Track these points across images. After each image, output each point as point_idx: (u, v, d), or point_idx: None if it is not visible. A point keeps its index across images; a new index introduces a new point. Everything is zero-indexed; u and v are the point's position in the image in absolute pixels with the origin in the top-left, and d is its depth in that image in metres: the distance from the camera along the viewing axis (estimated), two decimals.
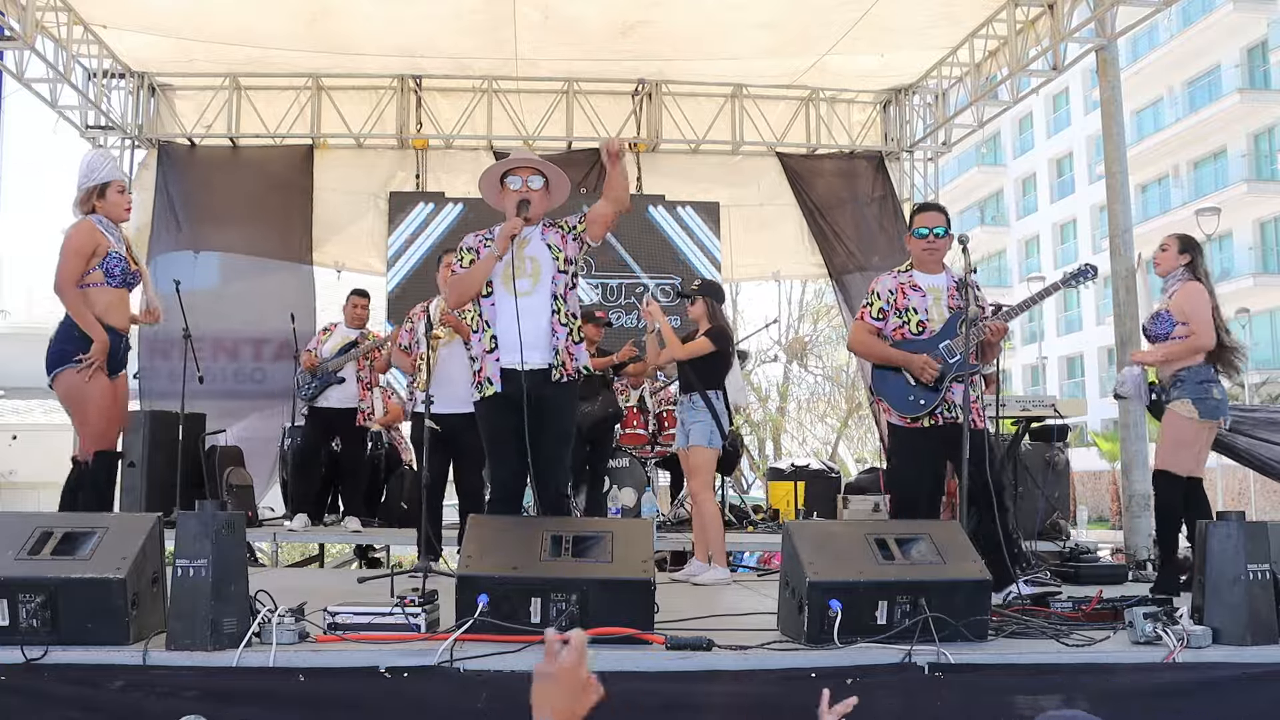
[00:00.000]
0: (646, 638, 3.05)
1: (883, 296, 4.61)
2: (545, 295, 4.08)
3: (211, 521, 2.90)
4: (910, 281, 4.58)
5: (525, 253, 4.09)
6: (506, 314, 4.01)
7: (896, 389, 4.51)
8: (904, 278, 4.62)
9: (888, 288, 4.62)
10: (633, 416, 7.73)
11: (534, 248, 4.12)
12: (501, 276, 4.06)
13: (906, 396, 4.47)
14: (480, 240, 4.21)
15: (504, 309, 4.04)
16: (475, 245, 4.20)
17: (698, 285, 5.79)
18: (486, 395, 4.09)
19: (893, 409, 4.54)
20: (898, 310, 4.56)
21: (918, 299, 4.53)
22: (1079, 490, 17.60)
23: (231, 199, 9.78)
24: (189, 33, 8.80)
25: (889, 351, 4.54)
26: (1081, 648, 3.13)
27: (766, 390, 24.33)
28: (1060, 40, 8.27)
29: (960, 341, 4.39)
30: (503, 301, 4.06)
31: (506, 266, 4.02)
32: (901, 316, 4.55)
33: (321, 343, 7.39)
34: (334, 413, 7.21)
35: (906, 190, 10.58)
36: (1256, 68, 27.77)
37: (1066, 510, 7.32)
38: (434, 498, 5.66)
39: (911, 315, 4.53)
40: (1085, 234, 32.84)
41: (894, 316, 4.56)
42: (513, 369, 4.02)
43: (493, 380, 4.07)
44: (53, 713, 2.76)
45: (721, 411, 5.42)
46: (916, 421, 4.46)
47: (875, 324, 4.60)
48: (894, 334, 4.56)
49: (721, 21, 8.59)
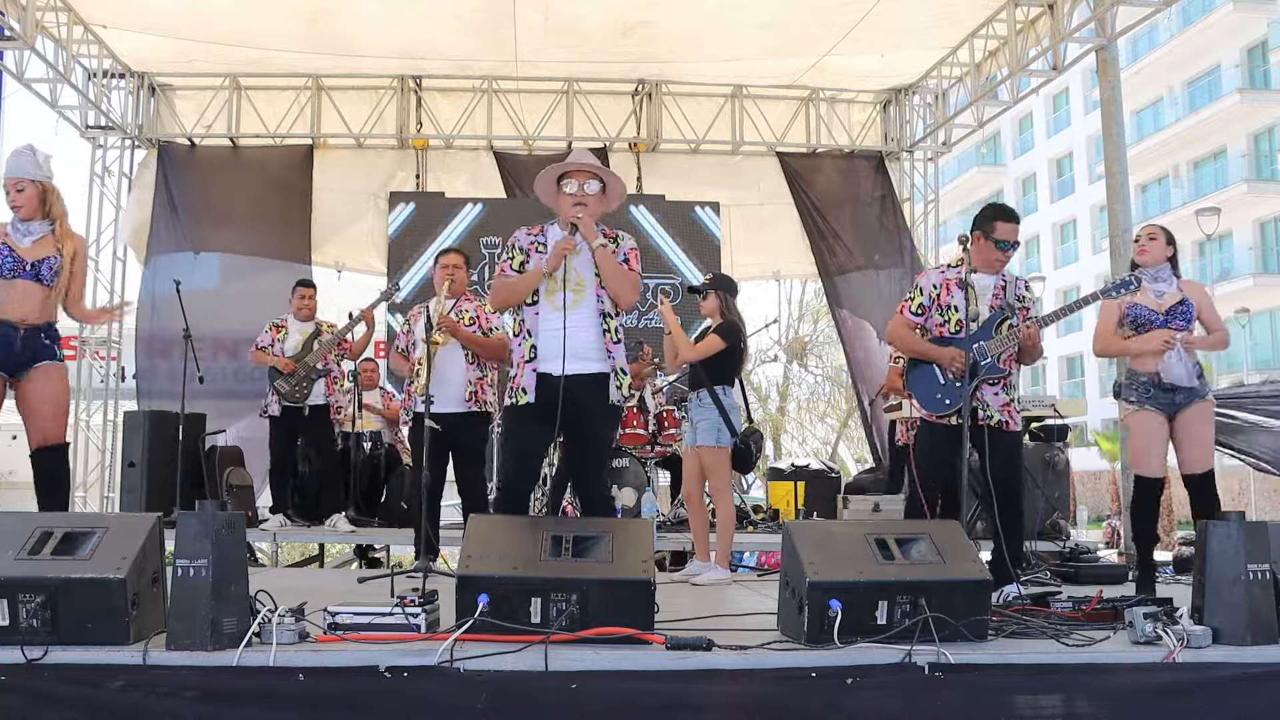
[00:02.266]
0: (646, 638, 3.05)
1: (925, 291, 4.62)
2: (590, 310, 3.96)
3: (211, 521, 2.90)
4: (958, 278, 4.51)
5: (573, 264, 3.95)
6: (549, 324, 3.93)
7: (925, 385, 4.56)
8: (951, 274, 4.59)
9: (932, 283, 4.63)
10: (633, 416, 7.72)
11: (582, 261, 3.98)
12: (545, 287, 3.97)
13: (935, 394, 4.52)
14: (532, 241, 4.07)
15: (546, 319, 3.96)
16: (527, 246, 4.06)
17: (709, 280, 5.71)
18: (519, 404, 3.97)
19: (920, 405, 4.59)
20: (940, 307, 4.58)
21: (960, 297, 4.49)
22: (1079, 490, 17.64)
23: (231, 199, 9.79)
24: (189, 33, 8.81)
25: (922, 345, 4.59)
26: (1081, 648, 3.12)
27: (766, 390, 24.32)
28: (1060, 40, 8.28)
29: (995, 344, 4.43)
30: (545, 312, 3.97)
31: (551, 278, 3.94)
32: (943, 314, 4.57)
33: (278, 340, 7.12)
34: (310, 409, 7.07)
35: (906, 190, 10.59)
36: (1256, 68, 27.77)
37: (1066, 510, 7.32)
38: (433, 498, 5.66)
39: (952, 314, 4.54)
40: (1085, 234, 32.84)
41: (935, 313, 4.59)
42: (548, 374, 3.91)
43: (527, 390, 3.94)
44: (53, 713, 2.76)
45: (731, 408, 5.36)
46: (942, 419, 4.49)
47: (914, 319, 4.63)
48: (935, 330, 4.59)
49: (721, 22, 8.59)
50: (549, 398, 3.89)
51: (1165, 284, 4.83)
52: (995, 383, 4.47)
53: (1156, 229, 4.97)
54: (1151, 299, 4.79)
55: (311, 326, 7.18)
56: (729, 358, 5.44)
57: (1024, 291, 4.62)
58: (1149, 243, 4.87)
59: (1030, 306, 4.62)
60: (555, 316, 3.91)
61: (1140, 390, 4.77)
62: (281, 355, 7.05)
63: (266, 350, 7.10)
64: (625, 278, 3.98)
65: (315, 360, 7.05)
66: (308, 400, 7.06)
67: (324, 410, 7.17)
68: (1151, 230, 4.95)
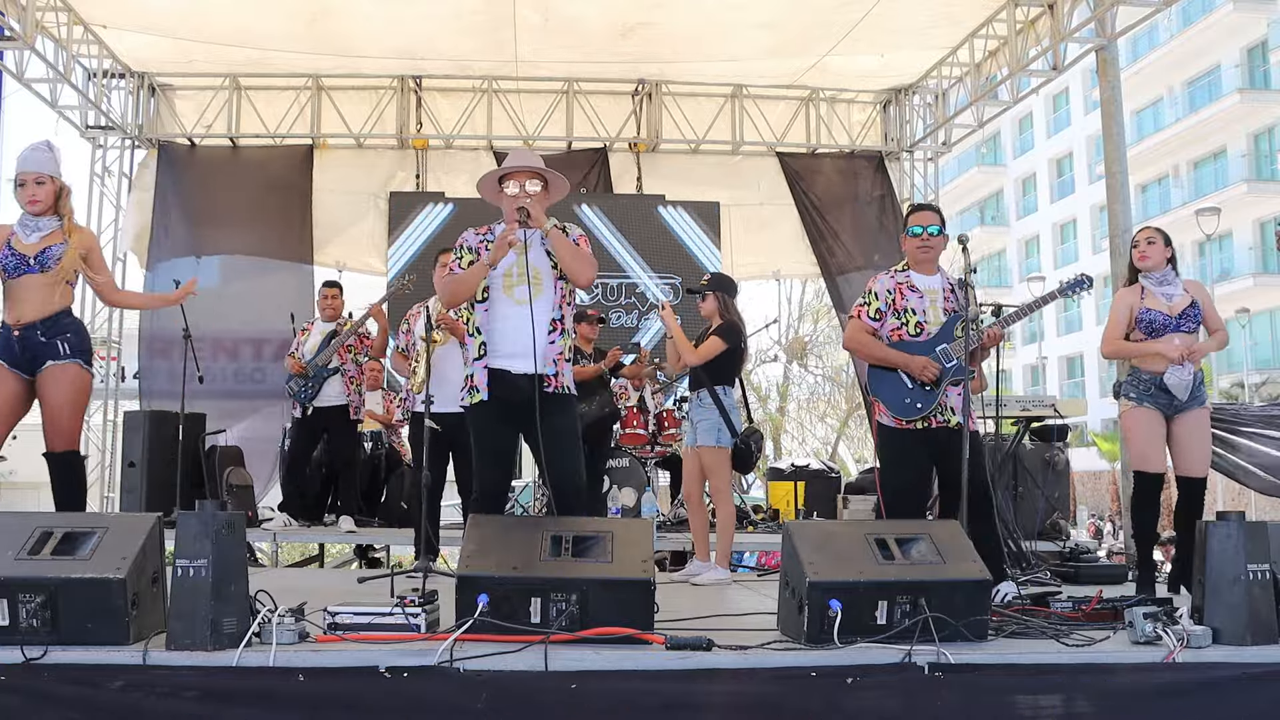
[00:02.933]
0: (646, 638, 3.05)
1: (880, 296, 4.56)
2: (546, 305, 3.97)
3: (211, 521, 2.90)
4: (908, 282, 4.54)
5: (527, 258, 3.97)
6: (500, 320, 3.96)
7: (893, 390, 4.46)
8: (901, 278, 4.57)
9: (885, 287, 4.57)
10: (632, 416, 7.73)
11: (535, 254, 4.00)
12: (501, 283, 3.98)
13: (903, 399, 4.43)
14: (481, 240, 4.10)
15: (498, 315, 3.98)
16: (476, 245, 4.09)
17: (707, 280, 5.71)
18: (474, 403, 3.99)
19: (887, 410, 4.49)
20: (896, 311, 4.51)
21: (915, 300, 4.50)
22: (1079, 490, 17.63)
23: (232, 199, 9.78)
24: (189, 33, 8.80)
25: (888, 353, 4.48)
26: (1081, 648, 3.12)
27: (766, 390, 24.32)
28: (1060, 40, 8.27)
29: (957, 345, 4.37)
30: (498, 307, 3.99)
31: (505, 273, 3.96)
32: (900, 318, 4.50)
33: (301, 343, 7.28)
34: (321, 410, 7.15)
35: (906, 190, 10.58)
36: (1256, 68, 27.77)
37: (1066, 510, 7.32)
38: (433, 498, 5.66)
39: (910, 317, 4.49)
40: (1085, 234, 32.84)
41: (892, 317, 4.52)
42: (502, 370, 3.94)
43: (479, 388, 3.97)
44: (53, 713, 2.76)
45: (730, 408, 5.37)
46: (910, 423, 4.43)
47: (872, 324, 4.55)
48: (891, 335, 4.52)
49: (721, 22, 8.59)
50: (504, 394, 3.91)
51: (1173, 286, 4.81)
52: (957, 383, 4.39)
53: (1154, 231, 4.94)
54: (1163, 303, 4.78)
55: (333, 327, 7.27)
56: (729, 358, 5.44)
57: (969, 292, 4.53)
58: (1148, 247, 4.85)
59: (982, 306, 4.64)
60: (514, 312, 3.92)
61: (1141, 388, 4.77)
62: (300, 357, 7.18)
63: (294, 355, 7.27)
64: (581, 255, 3.99)
65: (323, 360, 7.11)
66: (314, 401, 7.13)
67: (343, 411, 7.19)
68: (1149, 234, 4.92)
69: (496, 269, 3.97)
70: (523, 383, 3.91)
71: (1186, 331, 4.77)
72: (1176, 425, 4.78)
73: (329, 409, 7.16)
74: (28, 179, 4.42)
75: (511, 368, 3.94)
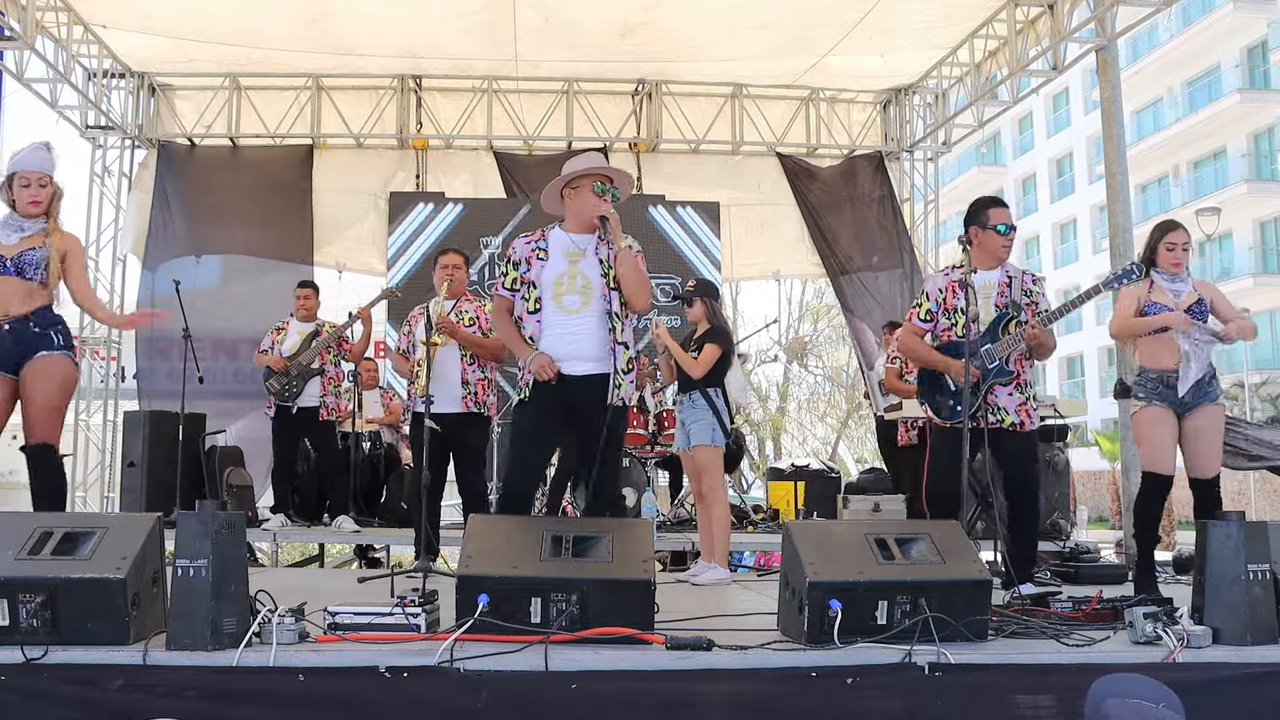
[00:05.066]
0: (646, 638, 3.05)
1: (932, 297, 4.61)
2: (597, 313, 3.90)
3: (211, 521, 2.90)
4: (961, 279, 4.48)
5: (578, 268, 3.91)
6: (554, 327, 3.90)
7: (936, 393, 4.57)
8: (956, 275, 4.54)
9: (938, 287, 4.61)
10: (633, 416, 7.73)
11: (586, 263, 3.94)
12: (552, 290, 3.92)
13: (948, 402, 4.51)
14: (533, 249, 3.98)
15: (553, 323, 3.92)
16: (526, 257, 3.97)
17: (693, 286, 5.79)
18: (522, 400, 3.95)
19: (934, 414, 4.59)
20: (946, 311, 4.56)
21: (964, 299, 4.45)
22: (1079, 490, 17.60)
23: (232, 199, 9.79)
24: (189, 33, 8.81)
25: (932, 355, 4.57)
26: (1081, 648, 3.12)
27: (766, 390, 24.33)
28: (1060, 40, 8.28)
29: (1002, 345, 4.42)
30: (552, 317, 3.93)
31: (556, 283, 3.91)
32: (950, 318, 4.54)
33: (277, 341, 7.18)
34: (299, 412, 7.07)
35: (906, 190, 10.59)
36: (1256, 68, 27.77)
37: (1066, 510, 7.32)
38: (433, 498, 5.65)
39: (959, 317, 4.49)
40: (1085, 234, 32.84)
41: (943, 318, 4.57)
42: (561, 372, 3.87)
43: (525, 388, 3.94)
44: (53, 713, 2.76)
45: (723, 409, 5.42)
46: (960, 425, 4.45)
47: (923, 326, 4.62)
48: (944, 335, 4.57)
49: (721, 22, 8.60)
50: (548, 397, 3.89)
51: (1183, 284, 4.78)
52: (1007, 383, 4.44)
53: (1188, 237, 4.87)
54: (1170, 298, 4.74)
55: (311, 327, 7.22)
56: (721, 361, 5.52)
57: (1031, 285, 4.60)
58: (1183, 254, 4.78)
59: (1039, 300, 4.59)
60: (562, 320, 3.89)
61: (1149, 387, 4.74)
62: (279, 355, 7.09)
63: (266, 352, 7.18)
64: (644, 281, 3.95)
65: (308, 360, 7.07)
66: (297, 400, 7.07)
67: (316, 412, 7.12)
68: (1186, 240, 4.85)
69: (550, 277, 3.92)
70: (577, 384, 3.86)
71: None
72: (1188, 422, 4.70)
73: (305, 410, 7.08)
74: (32, 179, 4.37)
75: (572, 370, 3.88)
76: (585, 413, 3.87)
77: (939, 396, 4.58)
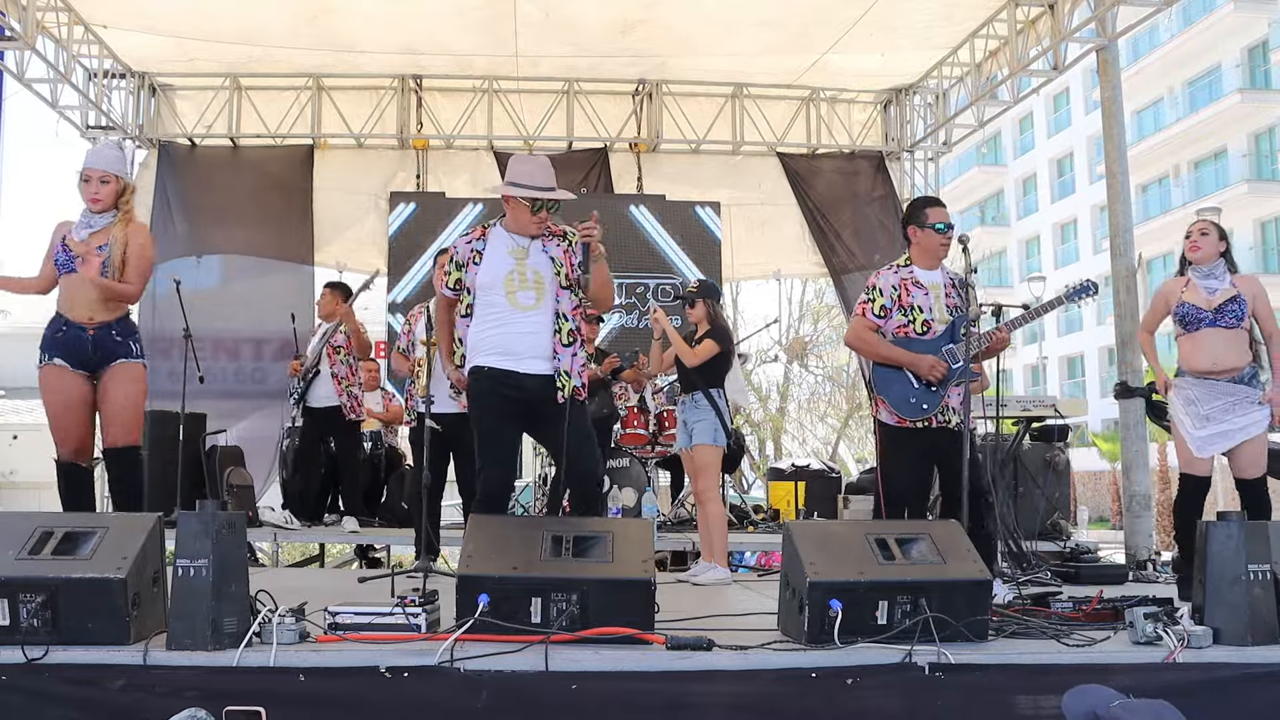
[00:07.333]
0: (646, 638, 3.05)
1: (885, 293, 4.47)
2: (551, 311, 3.93)
3: (212, 521, 2.90)
4: (912, 278, 4.47)
5: (527, 264, 3.94)
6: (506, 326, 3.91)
7: (898, 389, 4.41)
8: (905, 273, 4.50)
9: (890, 283, 4.48)
10: (633, 416, 7.73)
11: (535, 259, 3.97)
12: (504, 289, 3.92)
13: (908, 398, 4.38)
14: (471, 249, 4.00)
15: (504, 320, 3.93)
16: (466, 258, 4.00)
17: (695, 287, 5.80)
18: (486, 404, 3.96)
19: (892, 409, 4.43)
20: (902, 308, 4.44)
21: (921, 297, 4.43)
22: (1079, 490, 17.61)
23: (232, 199, 9.78)
24: (189, 32, 8.81)
25: (894, 351, 4.42)
26: (1082, 648, 3.13)
27: (766, 390, 24.31)
28: (1060, 40, 8.27)
29: (963, 347, 4.33)
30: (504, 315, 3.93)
31: (508, 279, 3.92)
32: (906, 315, 4.43)
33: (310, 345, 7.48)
34: (322, 411, 7.26)
35: (907, 190, 10.57)
36: (1257, 68, 27.76)
37: (1067, 510, 7.32)
38: (433, 498, 5.66)
39: (917, 314, 4.42)
40: (1086, 234, 32.84)
41: (897, 314, 4.44)
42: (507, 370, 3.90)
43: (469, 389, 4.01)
44: (53, 713, 2.76)
45: (724, 409, 5.44)
46: (912, 422, 4.40)
47: (876, 320, 4.48)
48: (897, 332, 4.45)
49: (722, 20, 8.59)
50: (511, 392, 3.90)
51: (1218, 280, 4.69)
52: (960, 384, 4.35)
53: (1209, 224, 4.80)
54: (1202, 296, 4.67)
55: (325, 328, 7.37)
56: (722, 360, 5.53)
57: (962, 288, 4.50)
58: (1201, 239, 4.70)
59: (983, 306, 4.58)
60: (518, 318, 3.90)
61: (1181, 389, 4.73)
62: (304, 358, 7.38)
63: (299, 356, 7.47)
64: (609, 284, 4.11)
65: (311, 361, 7.26)
66: (305, 400, 7.27)
67: (337, 411, 7.24)
68: (1203, 225, 4.77)
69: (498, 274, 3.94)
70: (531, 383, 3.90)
71: (1224, 327, 4.63)
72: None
73: (323, 410, 7.25)
74: (93, 175, 4.48)
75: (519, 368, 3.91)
76: (544, 412, 3.91)
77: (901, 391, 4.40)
